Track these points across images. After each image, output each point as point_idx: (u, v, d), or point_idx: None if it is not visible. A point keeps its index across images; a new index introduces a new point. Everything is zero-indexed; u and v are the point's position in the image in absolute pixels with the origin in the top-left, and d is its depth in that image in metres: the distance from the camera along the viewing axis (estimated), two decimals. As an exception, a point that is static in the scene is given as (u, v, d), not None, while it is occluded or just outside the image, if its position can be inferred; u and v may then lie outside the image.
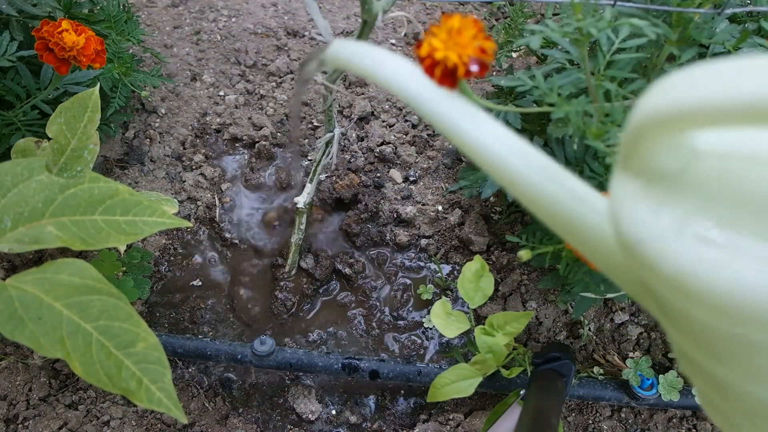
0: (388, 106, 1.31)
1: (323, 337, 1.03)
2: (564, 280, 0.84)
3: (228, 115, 1.27)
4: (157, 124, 1.23)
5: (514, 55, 1.37)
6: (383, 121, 1.28)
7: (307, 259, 1.07)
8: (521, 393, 0.87)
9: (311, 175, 0.90)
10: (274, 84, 1.34)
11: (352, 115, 1.28)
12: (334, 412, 0.96)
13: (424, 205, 1.15)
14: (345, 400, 0.97)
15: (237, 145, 1.25)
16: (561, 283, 0.85)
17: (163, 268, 1.08)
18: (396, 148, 1.22)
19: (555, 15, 1.22)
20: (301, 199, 0.92)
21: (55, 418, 0.87)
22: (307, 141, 1.26)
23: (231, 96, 1.31)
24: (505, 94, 0.89)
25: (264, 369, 0.96)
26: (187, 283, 1.07)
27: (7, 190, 0.55)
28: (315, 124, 1.29)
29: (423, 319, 1.04)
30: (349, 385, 0.98)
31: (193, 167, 1.20)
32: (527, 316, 0.84)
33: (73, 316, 0.51)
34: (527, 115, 0.88)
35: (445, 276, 1.08)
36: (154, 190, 1.13)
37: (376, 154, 1.21)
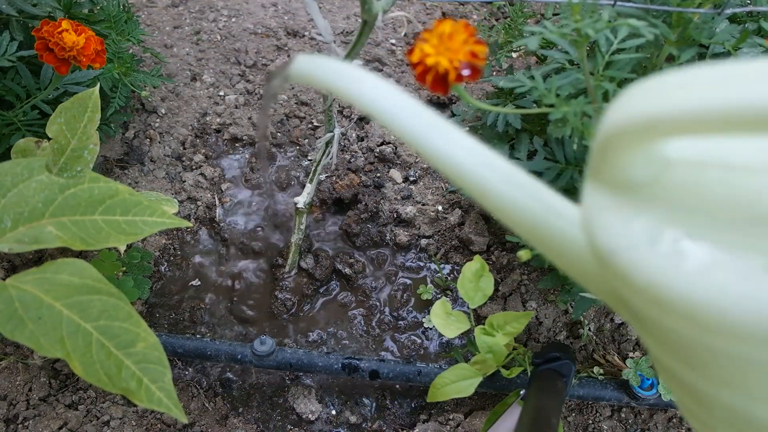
0: (388, 106, 1.31)
1: (323, 337, 1.03)
2: (564, 280, 0.84)
3: (228, 115, 1.27)
4: (157, 124, 1.23)
5: (514, 55, 1.37)
6: (383, 121, 1.28)
7: (307, 259, 1.07)
8: (521, 393, 0.87)
9: (311, 175, 0.90)
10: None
11: (352, 115, 1.28)
12: (334, 412, 0.96)
13: (424, 205, 1.15)
14: (345, 400, 0.97)
15: (237, 145, 1.25)
16: (561, 283, 0.86)
17: (163, 268, 1.08)
18: (396, 148, 1.22)
19: (555, 15, 1.22)
20: (301, 199, 0.92)
21: (55, 418, 0.87)
22: (307, 141, 1.26)
23: (231, 96, 1.31)
24: (505, 94, 0.89)
25: (264, 369, 0.96)
26: (187, 283, 1.07)
27: (7, 190, 0.55)
28: (315, 124, 1.29)
29: (423, 319, 1.04)
30: (349, 385, 0.98)
31: (193, 167, 1.20)
32: (527, 316, 0.84)
33: (73, 316, 0.51)
34: (527, 115, 0.88)
35: (445, 276, 1.08)
36: (154, 190, 1.13)
37: (376, 154, 1.21)
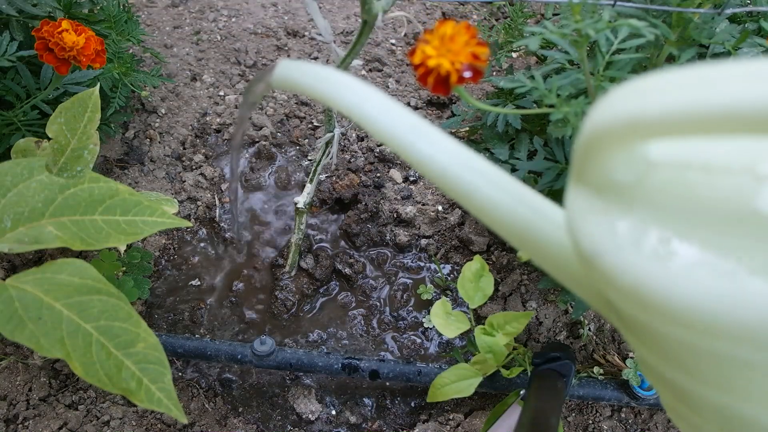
0: (388, 106, 1.31)
1: (323, 337, 1.03)
2: (564, 280, 0.84)
3: (228, 115, 1.27)
4: (157, 124, 1.23)
5: (514, 55, 1.37)
6: (383, 121, 1.28)
7: (307, 259, 1.07)
8: (521, 393, 0.87)
9: (311, 175, 0.90)
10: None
11: (352, 115, 1.28)
12: (334, 412, 0.96)
13: (424, 205, 1.15)
14: (345, 400, 0.97)
15: (237, 145, 1.25)
16: (561, 284, 0.85)
17: (163, 268, 1.08)
18: (396, 148, 1.22)
19: (555, 15, 1.22)
20: (301, 199, 0.92)
21: (55, 418, 0.87)
22: (307, 141, 1.26)
23: (231, 96, 1.31)
24: (505, 94, 0.89)
25: (264, 369, 0.96)
26: (186, 283, 1.07)
27: (7, 190, 0.55)
28: (315, 124, 1.29)
29: (423, 319, 1.04)
30: (349, 385, 0.98)
31: (193, 167, 1.20)
32: (527, 316, 0.84)
33: (73, 316, 0.51)
34: (527, 115, 0.88)
35: (445, 276, 1.08)
36: (154, 190, 1.13)
37: (376, 154, 1.21)
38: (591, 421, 0.95)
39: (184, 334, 1.00)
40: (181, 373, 0.97)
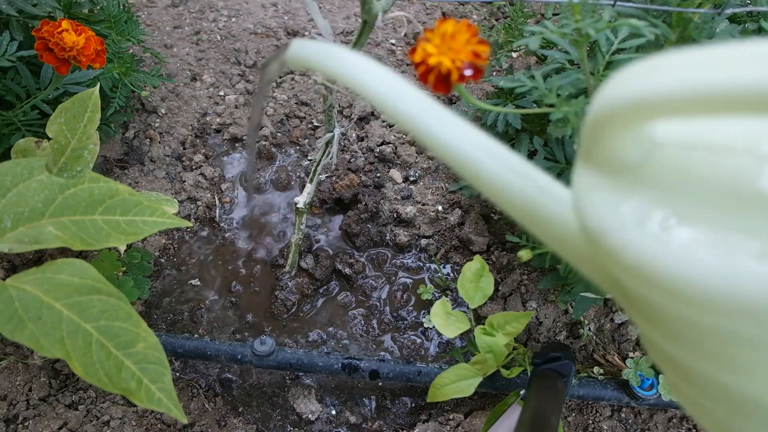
0: (388, 106, 1.31)
1: (323, 337, 1.03)
2: (564, 280, 0.84)
3: (228, 115, 1.27)
4: (157, 124, 1.23)
5: (514, 55, 1.37)
6: (383, 121, 1.28)
7: (307, 259, 1.07)
8: (521, 393, 0.87)
9: (311, 175, 0.90)
10: (274, 84, 1.34)
11: (352, 115, 1.28)
12: (334, 412, 0.96)
13: (424, 205, 1.15)
14: (345, 400, 0.97)
15: (237, 145, 1.25)
16: (561, 283, 0.86)
17: (162, 268, 1.08)
18: (396, 148, 1.22)
19: (555, 15, 1.22)
20: (301, 199, 0.92)
21: (55, 418, 0.87)
22: (307, 141, 1.26)
23: (231, 96, 1.31)
24: (505, 94, 0.89)
25: (264, 369, 0.96)
26: (186, 283, 1.07)
27: (7, 190, 0.55)
28: (315, 124, 1.29)
29: (423, 319, 1.04)
30: (349, 385, 0.98)
31: (193, 167, 1.20)
32: (527, 316, 0.84)
33: (73, 316, 0.51)
34: (527, 115, 0.88)
35: (445, 276, 1.08)
36: (154, 190, 1.13)
37: (376, 154, 1.21)
38: (591, 421, 0.95)
39: (184, 334, 1.00)
40: (181, 373, 0.97)
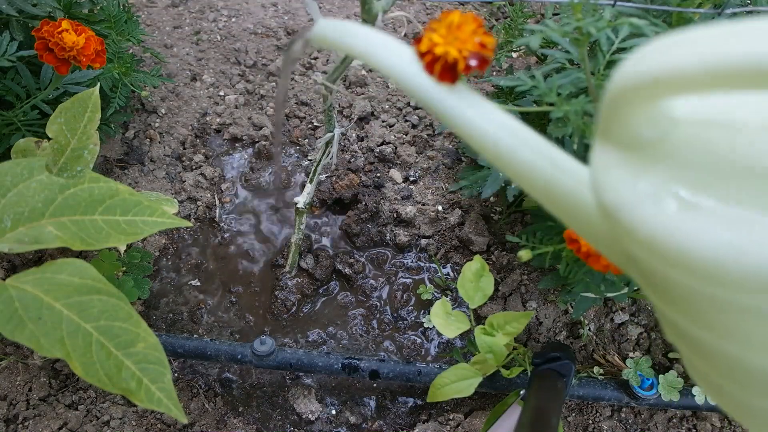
0: (388, 106, 1.31)
1: (323, 337, 1.03)
2: (564, 280, 0.84)
3: (228, 115, 1.27)
4: (157, 124, 1.23)
5: (514, 55, 1.37)
6: (383, 121, 1.28)
7: (307, 259, 1.07)
8: (521, 393, 0.87)
9: (311, 175, 0.90)
10: (274, 84, 1.34)
11: (352, 115, 1.28)
12: (334, 412, 0.96)
13: (424, 205, 1.15)
14: (345, 400, 0.97)
15: (237, 145, 1.25)
16: (561, 283, 0.86)
17: (162, 268, 1.08)
18: (396, 148, 1.22)
19: (555, 15, 1.22)
20: (301, 199, 0.92)
21: (55, 418, 0.87)
22: (307, 141, 1.26)
23: (231, 96, 1.31)
24: (505, 94, 0.89)
25: (264, 369, 0.96)
26: (186, 283, 1.07)
27: (7, 190, 0.55)
28: (315, 124, 1.29)
29: (423, 319, 1.04)
30: (349, 385, 0.98)
31: (193, 167, 1.20)
32: (527, 316, 0.84)
33: (73, 316, 0.51)
34: (527, 114, 0.88)
35: (445, 276, 1.08)
36: (154, 190, 1.13)
37: (376, 154, 1.21)
38: (591, 421, 0.94)
39: (184, 334, 1.00)
40: (180, 373, 0.97)
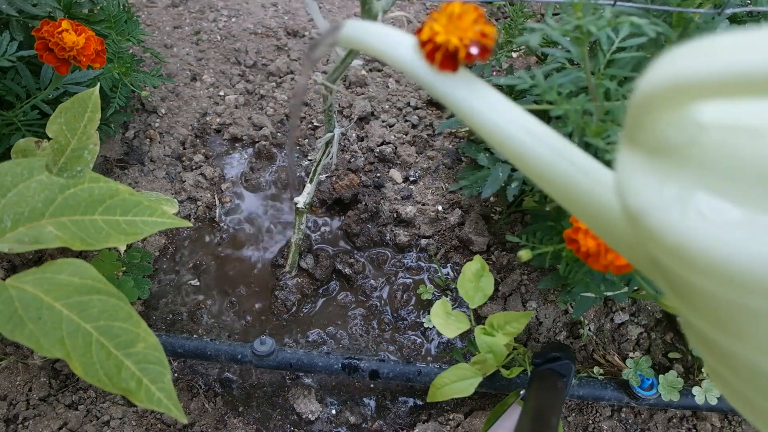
0: (388, 106, 1.31)
1: (323, 337, 1.03)
2: (564, 280, 0.84)
3: (228, 115, 1.27)
4: (157, 124, 1.23)
5: (514, 55, 1.37)
6: (383, 121, 1.28)
7: (307, 259, 1.07)
8: (521, 393, 0.87)
9: (311, 175, 0.90)
10: (274, 84, 1.34)
11: (352, 115, 1.28)
12: (334, 412, 0.96)
13: (424, 205, 1.15)
14: (345, 400, 0.97)
15: (237, 145, 1.25)
16: (561, 283, 0.85)
17: (162, 268, 1.08)
18: (396, 148, 1.22)
19: (555, 15, 1.22)
20: (301, 199, 0.92)
21: (55, 418, 0.87)
22: (307, 141, 1.26)
23: (231, 96, 1.31)
24: (505, 93, 0.89)
25: (264, 369, 0.96)
26: (186, 283, 1.07)
27: (7, 190, 0.55)
28: (315, 124, 1.29)
29: (423, 319, 1.04)
30: (349, 385, 0.98)
31: (193, 167, 1.20)
32: (527, 316, 0.84)
33: (73, 316, 0.51)
34: (527, 114, 0.88)
35: (445, 276, 1.08)
36: (154, 190, 1.13)
37: (376, 154, 1.21)
38: (591, 421, 0.94)
39: (184, 334, 1.00)
40: (180, 374, 0.97)
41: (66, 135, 0.67)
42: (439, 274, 1.08)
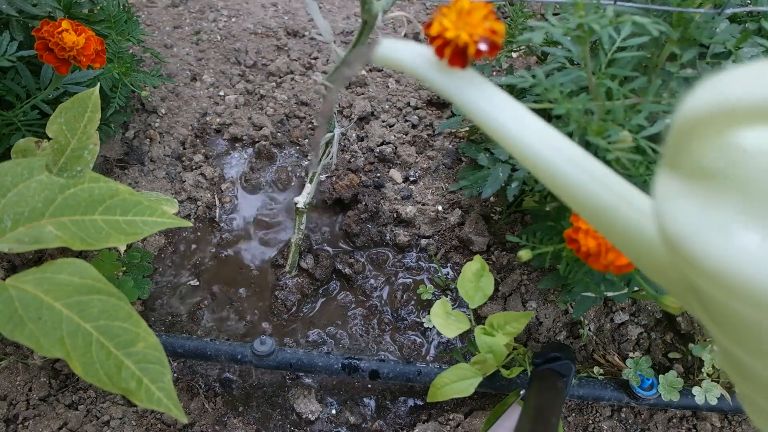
0: (388, 106, 1.31)
1: (323, 337, 1.03)
2: (564, 280, 0.84)
3: (228, 115, 1.27)
4: (157, 124, 1.23)
5: (514, 55, 1.37)
6: (383, 121, 1.28)
7: (307, 259, 1.07)
8: (521, 393, 0.87)
9: (311, 175, 0.90)
10: (274, 84, 1.34)
11: (352, 115, 1.28)
12: (334, 412, 0.96)
13: (424, 205, 1.15)
14: (345, 400, 0.97)
15: (237, 145, 1.25)
16: (561, 283, 0.85)
17: (162, 268, 1.08)
18: (396, 148, 1.22)
19: (555, 15, 1.22)
20: (301, 199, 0.92)
21: (55, 418, 0.87)
22: (307, 141, 1.26)
23: (231, 96, 1.31)
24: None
25: (264, 369, 0.96)
26: (186, 283, 1.07)
27: (7, 190, 0.55)
28: (315, 124, 1.28)
29: (423, 319, 1.04)
30: (349, 385, 0.98)
31: (193, 167, 1.19)
32: (527, 316, 0.84)
33: (73, 316, 0.51)
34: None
35: (445, 276, 1.08)
36: (154, 190, 1.13)
37: (376, 154, 1.21)
38: (591, 421, 0.94)
39: (184, 334, 1.00)
40: (180, 374, 0.97)
41: (66, 135, 0.67)
42: (439, 274, 1.08)
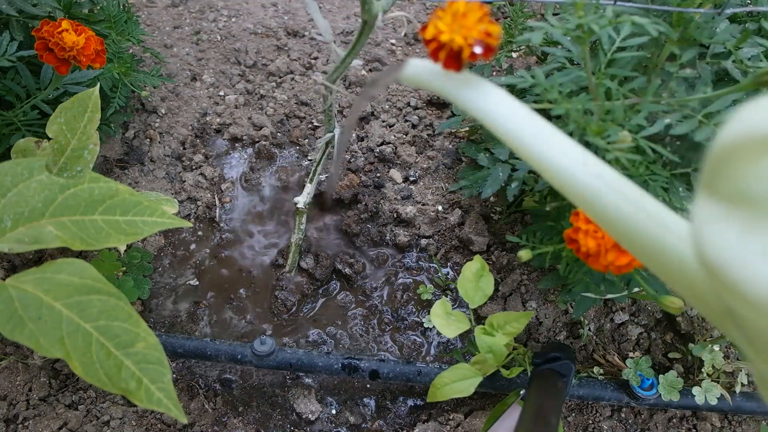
0: (388, 106, 1.31)
1: (323, 337, 1.03)
2: (564, 280, 0.84)
3: (228, 115, 1.27)
4: (157, 124, 1.23)
5: (514, 55, 1.37)
6: (383, 121, 1.28)
7: (307, 259, 1.07)
8: (521, 393, 0.87)
9: (311, 175, 0.90)
10: (274, 84, 1.34)
11: (352, 115, 1.28)
12: (334, 412, 0.96)
13: (424, 205, 1.15)
14: (345, 400, 0.97)
15: (237, 145, 1.25)
16: (561, 283, 0.85)
17: (162, 268, 1.08)
18: (396, 148, 1.22)
19: (555, 15, 1.22)
20: (301, 199, 0.92)
21: (55, 418, 0.87)
22: (307, 141, 1.26)
23: (231, 96, 1.31)
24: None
25: (264, 369, 0.96)
26: (186, 283, 1.07)
27: (7, 190, 0.55)
28: (315, 124, 1.29)
29: (423, 319, 1.04)
30: (349, 385, 0.98)
31: (193, 167, 1.19)
32: (527, 316, 0.84)
33: (73, 316, 0.51)
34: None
35: (445, 276, 1.08)
36: (154, 190, 1.13)
37: (376, 154, 1.21)
38: (591, 421, 0.94)
39: (184, 334, 1.00)
40: (180, 374, 0.97)
41: (66, 135, 0.67)
42: (439, 274, 1.08)
